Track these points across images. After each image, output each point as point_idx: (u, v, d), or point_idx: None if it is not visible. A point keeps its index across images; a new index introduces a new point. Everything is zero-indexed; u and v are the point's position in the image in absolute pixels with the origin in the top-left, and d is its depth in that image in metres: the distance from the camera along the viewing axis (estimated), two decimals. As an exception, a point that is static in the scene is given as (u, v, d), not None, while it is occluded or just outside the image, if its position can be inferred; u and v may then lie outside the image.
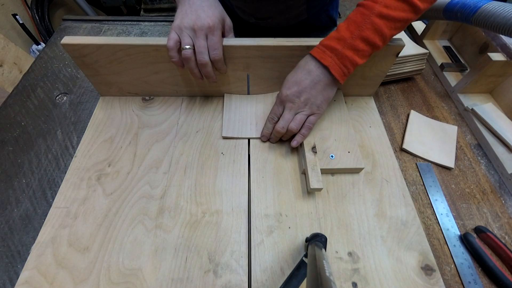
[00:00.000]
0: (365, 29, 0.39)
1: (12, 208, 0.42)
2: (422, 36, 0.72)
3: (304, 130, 0.45)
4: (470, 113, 0.57)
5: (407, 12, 0.39)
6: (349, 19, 0.41)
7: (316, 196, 0.44)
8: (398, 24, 0.39)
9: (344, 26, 0.41)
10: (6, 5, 1.48)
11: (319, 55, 0.41)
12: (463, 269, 0.39)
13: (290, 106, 0.44)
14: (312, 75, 0.42)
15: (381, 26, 0.38)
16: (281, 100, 0.45)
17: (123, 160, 0.47)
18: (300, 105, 0.43)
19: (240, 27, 0.75)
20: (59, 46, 0.67)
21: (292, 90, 0.43)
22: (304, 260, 0.35)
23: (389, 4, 0.38)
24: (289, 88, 0.43)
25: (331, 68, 0.40)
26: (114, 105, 0.54)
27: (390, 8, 0.38)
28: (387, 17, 0.38)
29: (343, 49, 0.40)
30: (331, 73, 0.41)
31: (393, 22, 0.39)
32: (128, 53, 0.46)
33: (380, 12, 0.38)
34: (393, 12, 0.38)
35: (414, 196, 0.46)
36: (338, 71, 0.41)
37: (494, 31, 0.44)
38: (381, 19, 0.38)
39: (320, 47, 0.42)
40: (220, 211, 0.42)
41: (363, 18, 0.39)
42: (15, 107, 0.55)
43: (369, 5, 0.39)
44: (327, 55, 0.41)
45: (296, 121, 0.44)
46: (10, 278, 0.37)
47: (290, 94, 0.43)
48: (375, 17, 0.38)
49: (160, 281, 0.36)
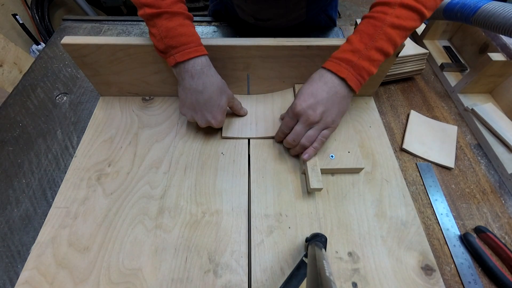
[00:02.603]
0: (379, 40, 0.39)
1: (12, 208, 0.42)
2: (422, 36, 0.72)
3: (316, 144, 0.43)
4: (470, 113, 0.57)
5: (415, 20, 0.40)
6: (360, 31, 0.41)
7: (316, 196, 0.44)
8: (408, 32, 0.41)
9: (356, 39, 0.41)
10: (6, 5, 1.48)
11: (335, 68, 0.41)
12: (463, 269, 0.39)
13: (304, 120, 0.42)
14: (329, 86, 0.41)
15: (394, 36, 0.40)
16: (295, 113, 0.42)
17: (123, 160, 0.47)
18: (314, 119, 0.41)
19: (240, 27, 0.75)
20: (59, 46, 0.67)
21: (308, 102, 0.41)
22: (304, 260, 0.35)
23: (400, 15, 0.39)
24: (305, 101, 0.41)
25: (348, 79, 0.40)
26: (114, 105, 0.54)
27: (401, 18, 0.39)
28: (399, 27, 0.39)
29: (358, 60, 0.40)
30: (347, 84, 0.41)
31: (404, 31, 0.40)
32: (128, 53, 0.46)
33: (392, 23, 0.39)
34: (404, 21, 0.39)
35: (414, 196, 0.46)
36: (355, 82, 0.41)
37: (494, 31, 0.44)
38: (394, 29, 0.39)
39: (334, 60, 0.42)
40: (220, 211, 0.42)
41: (375, 30, 0.39)
42: (15, 107, 0.55)
43: (380, 17, 0.40)
44: (343, 67, 0.40)
45: (309, 137, 0.42)
46: (10, 278, 0.37)
47: (306, 107, 0.41)
48: (387, 28, 0.39)
49: (160, 281, 0.36)
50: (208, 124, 0.46)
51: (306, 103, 0.41)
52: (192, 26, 0.43)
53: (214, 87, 0.43)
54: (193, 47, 0.41)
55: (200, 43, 0.42)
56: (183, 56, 0.41)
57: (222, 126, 0.49)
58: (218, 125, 0.46)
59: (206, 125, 0.46)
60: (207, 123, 0.46)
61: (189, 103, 0.44)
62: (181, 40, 0.40)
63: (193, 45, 0.41)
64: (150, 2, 0.40)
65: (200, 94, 0.43)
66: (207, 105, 0.44)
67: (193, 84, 0.42)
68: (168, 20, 0.40)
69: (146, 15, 0.40)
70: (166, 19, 0.40)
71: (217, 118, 0.45)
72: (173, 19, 0.40)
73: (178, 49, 0.41)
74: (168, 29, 0.40)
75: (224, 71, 0.47)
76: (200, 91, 0.42)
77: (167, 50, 0.41)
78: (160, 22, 0.40)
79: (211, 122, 0.45)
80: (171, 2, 0.40)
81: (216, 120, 0.45)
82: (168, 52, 0.41)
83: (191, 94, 0.43)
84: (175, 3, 0.41)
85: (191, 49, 0.41)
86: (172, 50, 0.41)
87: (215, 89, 0.43)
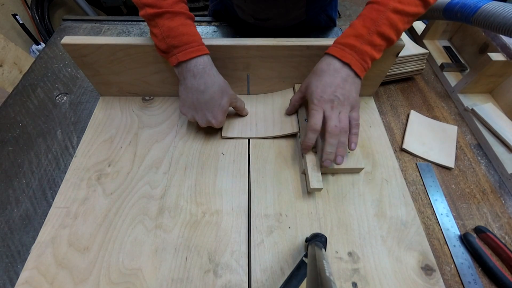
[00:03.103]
0: (382, 25, 0.40)
1: (12, 208, 0.42)
2: (422, 36, 0.72)
3: (355, 130, 0.42)
4: (470, 113, 0.57)
5: (418, 6, 0.40)
6: (363, 16, 0.41)
7: (316, 196, 0.44)
8: (411, 18, 0.41)
9: (359, 23, 0.41)
10: (6, 5, 1.48)
11: (339, 54, 0.41)
12: (463, 269, 0.39)
13: (330, 106, 0.41)
14: (340, 73, 0.41)
15: (396, 21, 0.40)
16: (318, 104, 0.41)
17: (123, 160, 0.47)
18: (339, 103, 0.41)
19: (240, 27, 0.75)
20: (59, 46, 0.67)
21: (327, 91, 0.41)
22: (304, 260, 0.35)
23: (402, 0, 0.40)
24: (324, 91, 0.41)
25: (352, 64, 0.41)
26: (114, 105, 0.54)
27: (404, 3, 0.40)
28: (402, 12, 0.40)
29: (361, 45, 0.40)
30: (351, 68, 0.41)
31: (406, 17, 0.40)
32: (128, 53, 0.46)
33: (395, 8, 0.39)
34: (407, 7, 0.40)
35: (414, 196, 0.46)
36: (359, 67, 0.41)
37: (494, 31, 0.44)
38: (396, 14, 0.40)
39: (337, 45, 0.42)
40: (220, 211, 0.42)
41: (379, 14, 0.40)
42: (15, 107, 0.55)
43: (383, 1, 0.40)
44: (347, 53, 0.41)
45: (345, 121, 0.41)
46: (10, 278, 0.37)
47: (326, 96, 0.41)
48: (390, 13, 0.39)
49: (160, 281, 0.36)
50: (208, 124, 0.46)
51: (325, 93, 0.41)
52: (193, 26, 0.43)
53: (215, 87, 0.43)
54: (195, 46, 0.41)
55: (201, 43, 0.43)
56: (185, 56, 0.41)
57: (222, 126, 0.49)
58: (219, 125, 0.46)
59: (207, 124, 0.46)
60: (208, 122, 0.46)
61: (190, 102, 0.44)
62: (183, 39, 0.40)
63: (195, 44, 0.41)
64: (152, 2, 0.40)
65: (201, 94, 0.43)
66: (208, 105, 0.44)
67: (195, 83, 0.42)
68: (169, 20, 0.40)
69: (148, 15, 0.40)
70: (167, 19, 0.40)
71: (218, 118, 0.45)
72: (175, 19, 0.40)
73: (180, 49, 0.41)
74: (170, 29, 0.40)
75: (224, 71, 0.47)
76: (201, 91, 0.42)
77: (169, 49, 0.41)
78: (162, 22, 0.40)
79: (212, 122, 0.45)
80: (172, 2, 0.40)
81: (217, 120, 0.45)
82: (170, 51, 0.41)
83: (192, 93, 0.43)
84: (176, 3, 0.41)
85: (193, 49, 0.41)
86: (174, 50, 0.41)
87: (217, 89, 0.43)
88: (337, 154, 0.41)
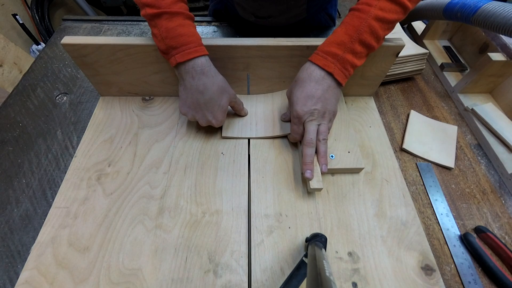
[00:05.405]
0: (363, 32, 0.40)
1: (12, 208, 0.42)
2: (422, 36, 0.72)
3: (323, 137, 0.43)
4: (470, 113, 0.57)
5: (398, 13, 0.41)
6: (346, 24, 0.41)
7: (316, 196, 0.44)
8: (391, 25, 0.41)
9: (342, 31, 0.41)
10: (6, 5, 1.48)
11: (322, 62, 0.42)
12: (463, 269, 0.39)
13: (310, 119, 0.42)
14: (321, 84, 0.42)
15: (377, 28, 0.40)
16: (298, 118, 0.43)
17: (123, 160, 0.47)
18: (319, 115, 0.42)
19: (239, 26, 0.75)
20: (59, 46, 0.67)
21: (308, 105, 0.42)
22: (304, 260, 0.35)
23: (383, 7, 0.40)
24: (304, 104, 0.42)
25: (335, 74, 0.41)
26: (114, 105, 0.54)
27: (385, 10, 0.40)
28: (382, 19, 0.40)
29: (343, 53, 0.41)
30: (334, 77, 0.42)
31: (386, 24, 0.41)
32: (128, 53, 0.46)
33: (376, 15, 0.39)
34: (388, 14, 0.40)
35: (414, 196, 0.46)
36: (341, 76, 0.42)
37: (494, 31, 0.44)
38: (377, 22, 0.40)
39: (320, 53, 0.42)
40: (220, 211, 0.42)
41: (360, 22, 0.40)
42: (15, 107, 0.55)
43: (364, 9, 0.40)
44: (329, 62, 0.41)
45: (325, 132, 0.43)
46: (10, 278, 0.37)
47: (306, 109, 0.42)
48: (372, 20, 0.40)
49: (160, 281, 0.36)
50: (208, 123, 0.46)
51: (306, 106, 0.42)
52: (192, 26, 0.43)
53: (214, 87, 0.43)
54: (193, 47, 0.41)
55: (200, 43, 0.42)
56: (183, 57, 0.41)
57: (222, 125, 0.49)
58: (219, 125, 0.47)
59: (207, 124, 0.47)
60: (208, 122, 0.46)
61: (189, 102, 0.44)
62: (181, 40, 0.40)
63: (193, 45, 0.41)
64: (151, 2, 0.40)
65: (200, 95, 0.43)
66: (207, 105, 0.44)
67: (194, 84, 0.42)
68: (168, 21, 0.40)
69: (147, 15, 0.40)
70: (166, 20, 0.40)
71: (218, 118, 0.45)
72: (173, 19, 0.40)
73: (178, 50, 0.41)
74: (168, 30, 0.40)
75: (224, 71, 0.47)
76: (200, 92, 0.42)
77: (168, 50, 0.41)
78: (160, 23, 0.40)
79: (212, 122, 0.46)
80: (171, 1, 0.40)
81: (217, 120, 0.46)
82: (169, 52, 0.41)
83: (192, 94, 0.43)
84: (175, 3, 0.41)
85: (191, 50, 0.41)
86: (172, 51, 0.41)
87: (216, 89, 0.43)
88: (321, 163, 0.43)
